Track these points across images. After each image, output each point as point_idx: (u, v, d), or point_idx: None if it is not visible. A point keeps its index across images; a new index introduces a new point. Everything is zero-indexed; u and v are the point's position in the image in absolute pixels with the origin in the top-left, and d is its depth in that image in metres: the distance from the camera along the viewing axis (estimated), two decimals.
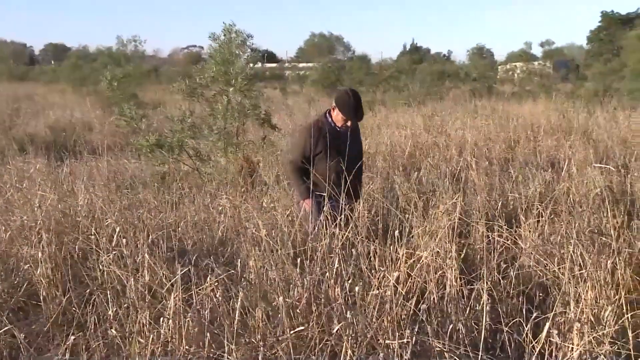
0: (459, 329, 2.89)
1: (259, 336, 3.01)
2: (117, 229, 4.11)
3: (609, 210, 3.77)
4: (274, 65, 52.40)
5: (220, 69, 7.85)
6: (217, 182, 7.06)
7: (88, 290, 3.72)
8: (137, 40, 19.82)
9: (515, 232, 4.32)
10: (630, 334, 2.70)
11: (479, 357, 2.50)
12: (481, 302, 2.96)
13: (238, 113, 7.93)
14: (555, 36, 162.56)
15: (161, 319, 3.18)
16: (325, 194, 4.60)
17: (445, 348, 2.62)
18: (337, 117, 4.90)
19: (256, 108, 8.05)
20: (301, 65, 49.32)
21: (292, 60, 63.76)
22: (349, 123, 4.88)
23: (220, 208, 5.40)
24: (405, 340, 2.55)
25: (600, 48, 36.87)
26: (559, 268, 3.40)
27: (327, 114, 4.98)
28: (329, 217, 4.16)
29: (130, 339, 3.18)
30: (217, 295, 3.31)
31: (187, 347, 3.06)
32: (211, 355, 3.00)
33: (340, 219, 4.07)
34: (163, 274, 3.63)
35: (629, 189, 5.49)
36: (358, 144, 5.13)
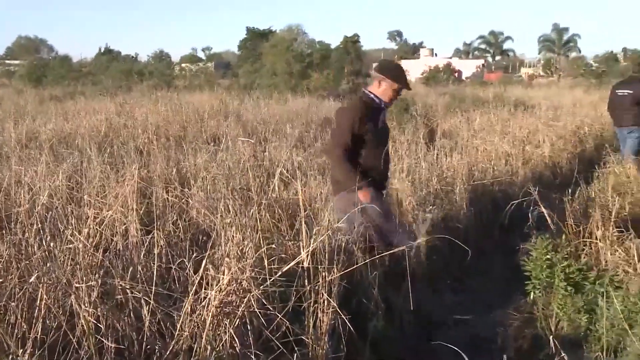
0: (139, 270, 2.98)
1: None
2: None
3: (253, 172, 4.18)
4: None
5: None
6: None
7: None
8: None
9: (189, 190, 4.52)
10: (266, 262, 3.05)
11: (153, 290, 2.64)
12: (158, 248, 3.07)
13: None
14: (215, 43, 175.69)
15: None
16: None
17: (127, 286, 2.71)
18: (388, 90, 3.73)
19: None
20: (9, 62, 46.85)
21: (2, 57, 59.00)
22: (398, 96, 3.79)
23: None
24: (92, 284, 2.58)
25: (247, 54, 39.77)
26: (217, 217, 3.66)
27: (367, 92, 3.79)
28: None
29: None
30: None
31: None
32: None
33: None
34: None
35: (270, 156, 6.04)
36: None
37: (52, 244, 3.00)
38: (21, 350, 2.35)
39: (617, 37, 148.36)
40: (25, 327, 2.51)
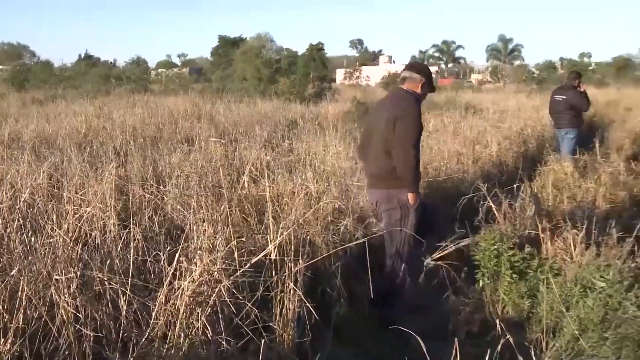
0: (116, 263, 2.95)
1: None
2: None
3: (224, 170, 4.16)
4: None
5: None
6: None
7: None
8: None
9: (164, 188, 4.46)
10: (236, 254, 3.05)
11: (129, 281, 2.62)
12: (134, 242, 3.04)
13: None
14: (189, 50, 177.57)
15: None
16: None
17: (105, 278, 2.68)
18: (426, 92, 3.57)
19: None
20: None
21: None
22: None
23: None
24: (71, 276, 2.54)
25: (219, 60, 39.69)
26: (190, 213, 3.64)
27: (411, 91, 3.57)
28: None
29: None
30: None
31: None
32: None
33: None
34: None
35: (240, 155, 6.00)
36: None
37: (33, 239, 2.95)
38: (3, 339, 2.32)
39: (555, 47, 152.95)
40: (7, 317, 2.47)
